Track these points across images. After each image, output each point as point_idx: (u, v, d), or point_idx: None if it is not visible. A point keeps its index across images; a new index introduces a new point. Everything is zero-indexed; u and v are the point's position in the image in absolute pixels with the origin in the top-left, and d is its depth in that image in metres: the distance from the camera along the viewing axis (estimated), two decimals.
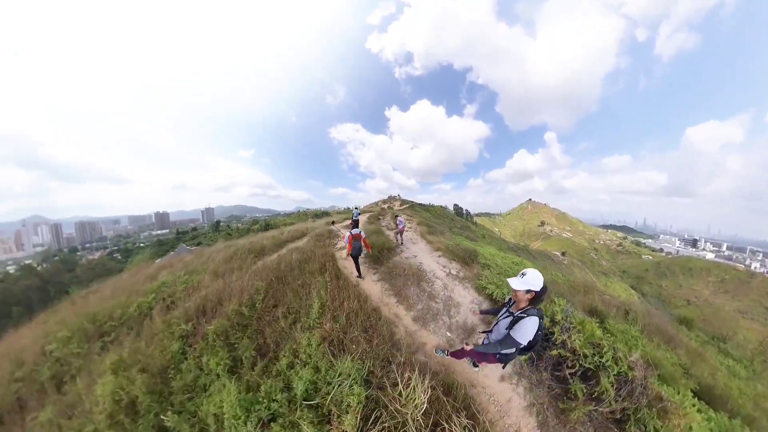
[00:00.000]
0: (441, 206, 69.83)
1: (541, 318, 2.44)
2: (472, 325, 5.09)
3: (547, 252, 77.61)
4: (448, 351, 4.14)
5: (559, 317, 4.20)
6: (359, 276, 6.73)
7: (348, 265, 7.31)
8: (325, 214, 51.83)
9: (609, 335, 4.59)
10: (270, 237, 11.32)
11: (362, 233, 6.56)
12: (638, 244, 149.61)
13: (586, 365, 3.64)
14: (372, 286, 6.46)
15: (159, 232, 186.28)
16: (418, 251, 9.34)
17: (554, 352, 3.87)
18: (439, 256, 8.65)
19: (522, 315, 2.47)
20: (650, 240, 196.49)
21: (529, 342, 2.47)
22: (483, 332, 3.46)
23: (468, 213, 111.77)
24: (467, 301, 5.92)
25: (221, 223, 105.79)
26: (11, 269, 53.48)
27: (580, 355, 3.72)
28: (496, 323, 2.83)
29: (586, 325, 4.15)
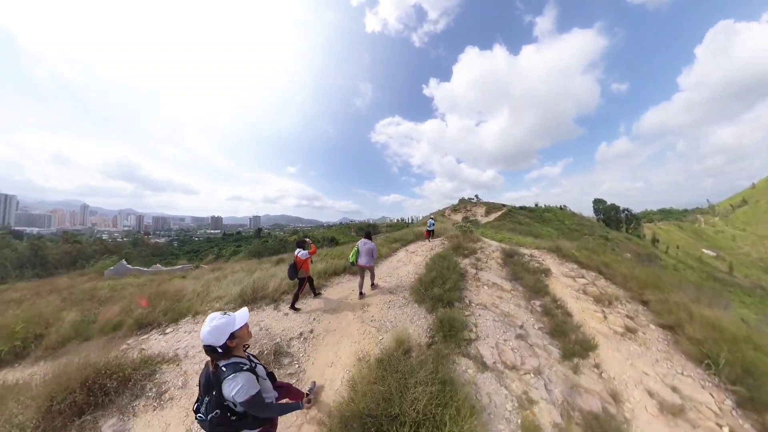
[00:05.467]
0: (560, 207, 42.86)
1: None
2: None
3: None
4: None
5: None
6: (294, 307, 4.91)
7: None
8: (371, 226, 50.05)
9: None
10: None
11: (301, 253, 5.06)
12: None
13: None
14: None
15: (212, 231, 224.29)
16: None
17: None
18: None
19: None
20: None
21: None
22: None
23: (633, 216, 56.94)
24: None
25: (263, 230, 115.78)
26: (104, 237, 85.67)
27: None
28: None
29: None
